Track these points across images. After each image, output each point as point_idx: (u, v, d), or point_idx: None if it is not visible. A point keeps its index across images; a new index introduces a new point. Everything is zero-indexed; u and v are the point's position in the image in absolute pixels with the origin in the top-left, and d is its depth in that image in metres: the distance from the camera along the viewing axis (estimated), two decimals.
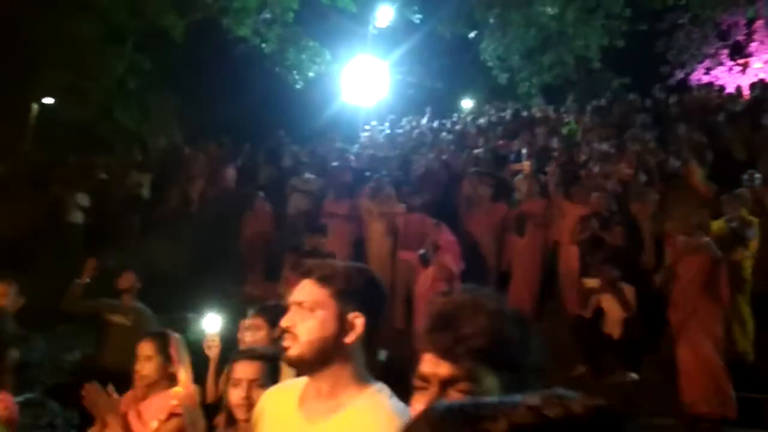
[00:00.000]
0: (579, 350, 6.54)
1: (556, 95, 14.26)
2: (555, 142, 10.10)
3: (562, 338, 6.80)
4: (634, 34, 13.85)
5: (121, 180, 10.43)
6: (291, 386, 1.71)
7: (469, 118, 13.64)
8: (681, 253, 5.79)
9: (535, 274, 7.69)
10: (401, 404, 1.53)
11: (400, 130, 13.44)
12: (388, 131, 13.34)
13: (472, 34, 14.17)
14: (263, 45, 12.41)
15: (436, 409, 0.62)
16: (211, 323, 4.06)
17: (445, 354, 1.08)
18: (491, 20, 13.35)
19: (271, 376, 2.16)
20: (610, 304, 6.27)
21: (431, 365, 1.09)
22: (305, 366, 1.59)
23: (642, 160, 8.30)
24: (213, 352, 3.97)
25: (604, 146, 9.04)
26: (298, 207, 9.33)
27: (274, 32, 12.15)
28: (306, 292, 1.60)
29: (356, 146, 12.04)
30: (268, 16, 11.94)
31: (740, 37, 16.03)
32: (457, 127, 13.02)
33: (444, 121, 13.89)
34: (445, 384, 1.08)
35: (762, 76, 13.90)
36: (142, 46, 12.55)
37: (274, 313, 3.09)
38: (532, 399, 0.60)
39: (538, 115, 12.66)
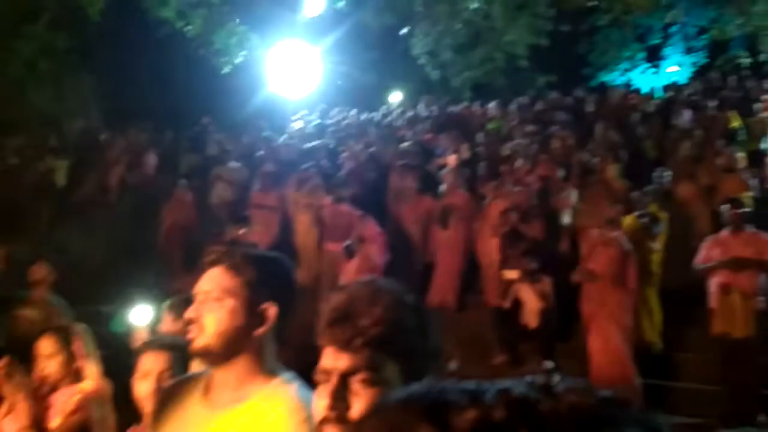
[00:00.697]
0: (498, 340, 6.75)
1: (485, 91, 14.54)
2: (480, 138, 10.32)
3: (482, 328, 7.00)
4: (559, 34, 14.28)
5: (33, 165, 9.90)
6: (196, 377, 1.68)
7: (397, 112, 13.72)
8: (594, 246, 6.06)
9: (458, 265, 7.85)
10: (310, 394, 1.53)
11: (329, 121, 13.36)
12: (317, 121, 13.24)
13: (403, 30, 14.22)
14: (188, 27, 12.00)
15: (391, 399, 0.55)
16: (140, 316, 3.92)
17: (344, 346, 1.09)
18: (417, 9, 13.42)
19: (181, 367, 2.11)
20: (528, 296, 6.49)
21: (331, 358, 1.10)
22: (212, 357, 1.56)
23: (561, 157, 8.61)
24: (140, 345, 3.84)
25: (527, 142, 9.31)
26: (222, 197, 9.15)
27: (200, 14, 11.75)
28: (214, 280, 1.56)
29: (284, 136, 11.89)
30: None
31: (656, 41, 16.85)
32: (386, 120, 13.07)
33: (373, 113, 13.91)
34: (346, 376, 1.09)
35: (674, 78, 14.68)
36: (58, 24, 11.91)
37: (186, 306, 3.02)
38: (512, 386, 0.51)
39: (465, 110, 12.88)
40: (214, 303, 1.55)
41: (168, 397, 1.69)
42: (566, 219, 7.38)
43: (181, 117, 12.39)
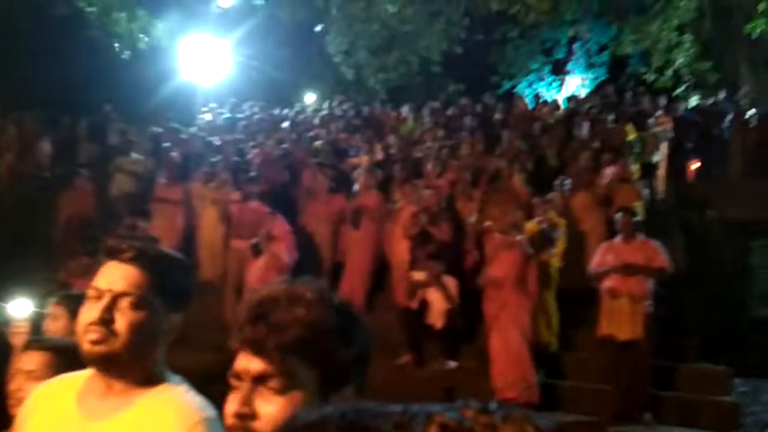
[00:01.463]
0: (405, 340, 6.82)
1: (399, 94, 14.70)
2: (393, 140, 10.41)
3: (390, 329, 7.05)
4: (471, 43, 14.67)
5: None
6: (68, 381, 1.55)
7: (311, 109, 13.62)
8: (497, 250, 6.25)
9: (367, 266, 7.88)
10: (200, 399, 1.46)
11: (240, 115, 13.07)
12: (227, 115, 12.91)
13: (318, 28, 14.12)
14: (88, 9, 11.32)
15: (302, 421, 0.49)
16: (18, 308, 3.65)
17: (257, 349, 1.03)
18: (333, 11, 13.38)
19: (63, 370, 1.95)
20: (434, 296, 6.61)
21: (244, 361, 1.04)
22: (114, 364, 1.44)
23: (469, 162, 8.83)
24: (18, 339, 3.57)
25: (437, 146, 9.48)
26: (123, 188, 8.73)
27: None
28: (128, 281, 1.44)
29: (193, 128, 11.50)
30: None
31: (561, 56, 17.67)
32: (300, 117, 12.94)
33: (286, 110, 13.73)
34: (257, 380, 1.02)
35: (576, 92, 15.44)
36: None
37: (76, 302, 2.83)
38: (443, 412, 0.46)
39: (379, 112, 12.98)
40: (128, 307, 1.43)
41: (40, 400, 1.55)
42: (472, 222, 7.57)
43: (81, 104, 11.69)
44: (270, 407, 1.02)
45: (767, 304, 8.14)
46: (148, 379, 1.47)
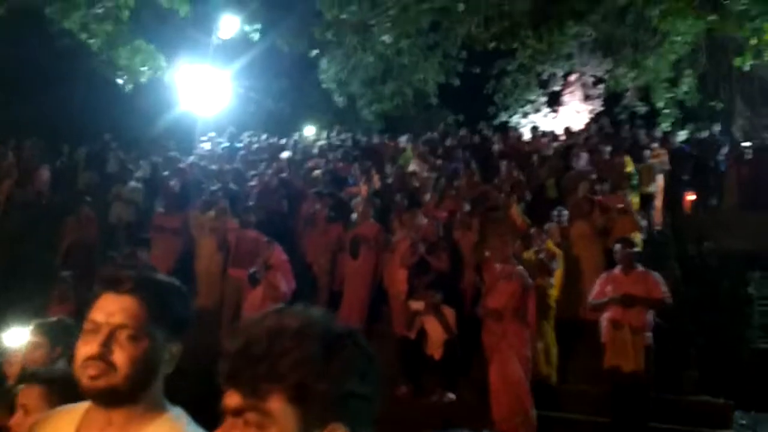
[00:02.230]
0: (402, 370, 6.76)
1: (395, 125, 14.83)
2: (391, 170, 10.47)
3: (387, 359, 6.98)
4: (469, 76, 14.86)
5: None
6: (66, 414, 1.52)
7: (310, 139, 13.73)
8: (496, 280, 6.24)
9: (365, 295, 7.85)
10: (200, 431, 1.44)
11: (239, 144, 13.15)
12: (226, 144, 12.99)
13: (313, 53, 14.27)
14: (90, 41, 11.46)
15: None
16: (13, 338, 3.62)
17: (233, 382, 0.99)
18: (329, 39, 13.56)
19: (56, 403, 1.92)
20: (432, 326, 6.56)
21: (226, 395, 1.01)
22: (114, 398, 1.41)
23: (467, 192, 8.87)
24: (12, 369, 3.54)
25: (435, 176, 9.53)
26: (121, 216, 8.73)
27: (104, 29, 11.26)
28: (127, 313, 1.41)
29: (191, 157, 11.56)
30: (99, 11, 11.04)
31: (557, 88, 17.87)
32: (299, 147, 13.03)
33: (284, 140, 13.83)
34: (235, 414, 0.99)
35: (573, 124, 15.58)
36: None
37: (56, 330, 2.80)
38: None
39: (378, 142, 13.07)
40: (126, 340, 1.41)
41: None
42: (470, 252, 7.56)
43: (80, 132, 11.77)
44: None
45: (766, 335, 8.10)
46: (149, 410, 1.45)
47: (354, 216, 8.40)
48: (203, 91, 13.77)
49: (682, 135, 13.24)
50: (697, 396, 6.47)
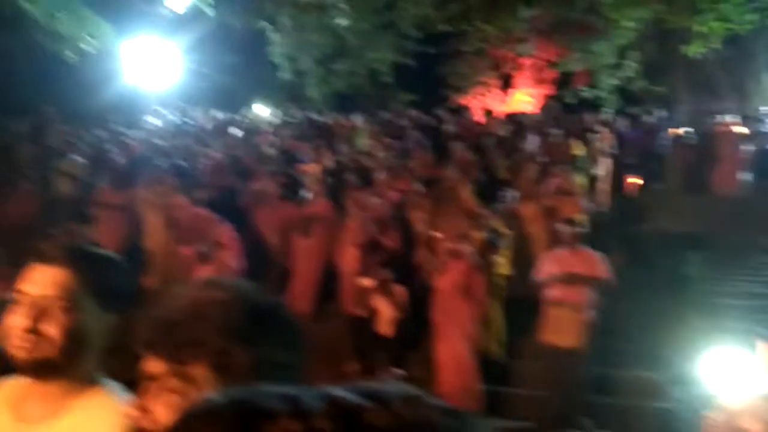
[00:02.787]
0: (353, 348, 6.82)
1: (348, 104, 14.75)
2: (344, 149, 10.43)
3: (338, 337, 7.03)
4: (423, 56, 14.86)
5: None
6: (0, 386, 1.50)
7: (262, 116, 13.53)
8: (445, 259, 6.34)
9: (316, 274, 7.85)
10: None
11: (190, 121, 12.87)
12: (175, 120, 12.69)
13: (261, 26, 13.96)
14: (32, 10, 10.94)
15: (196, 408, 0.48)
16: None
17: (152, 349, 0.99)
18: (284, 21, 13.34)
19: None
20: (383, 305, 6.63)
21: (147, 362, 1.01)
22: (48, 370, 1.38)
23: (420, 172, 8.93)
24: None
25: (387, 156, 9.55)
26: (63, 192, 8.45)
27: None
28: (58, 284, 1.38)
29: (139, 132, 11.26)
30: None
31: (509, 71, 18.06)
32: (250, 124, 12.84)
33: (236, 116, 13.60)
34: (155, 381, 0.99)
35: (523, 107, 15.82)
36: None
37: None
38: (339, 393, 0.45)
39: (330, 121, 12.99)
40: (58, 311, 1.38)
41: None
42: (421, 231, 7.64)
43: (21, 106, 11.29)
44: (166, 409, 0.98)
45: (702, 314, 8.47)
46: (84, 382, 1.43)
47: (306, 194, 8.36)
48: (152, 64, 13.38)
49: (627, 119, 13.62)
50: (635, 371, 6.74)
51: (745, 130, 10.65)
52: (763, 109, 11.00)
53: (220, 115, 13.54)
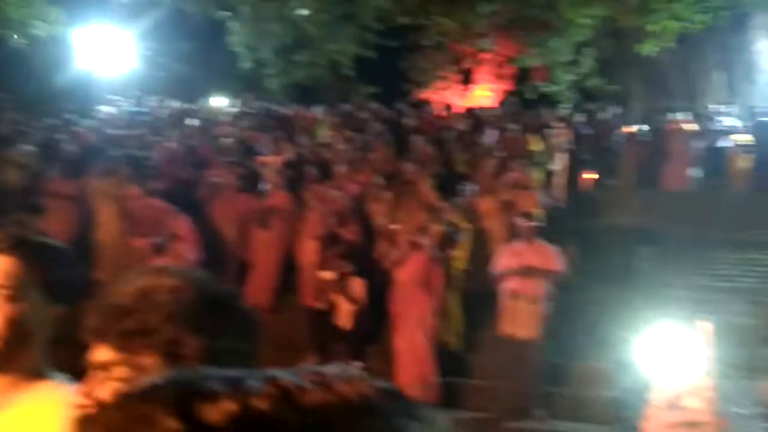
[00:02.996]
0: (311, 341, 6.80)
1: (308, 96, 14.63)
2: (304, 141, 10.36)
3: (296, 329, 7.00)
4: (385, 49, 14.84)
5: None
6: None
7: (220, 106, 13.33)
8: (404, 252, 6.37)
9: (275, 266, 7.80)
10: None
11: (145, 109, 12.58)
12: (130, 108, 12.39)
13: (221, 15, 13.72)
14: None
15: (135, 388, 0.47)
16: None
17: (100, 336, 0.97)
18: (244, 9, 13.12)
19: None
20: (342, 298, 6.63)
21: (95, 351, 0.99)
22: None
23: (380, 165, 8.94)
24: None
25: (348, 148, 9.53)
26: (11, 181, 8.18)
27: None
28: (2, 273, 1.34)
29: (91, 121, 10.95)
30: None
31: (469, 66, 18.20)
32: (208, 113, 12.63)
33: (193, 106, 13.35)
34: (102, 369, 0.97)
35: (483, 102, 15.97)
36: None
37: None
38: (280, 374, 0.45)
39: (291, 112, 12.87)
40: (2, 300, 1.34)
41: None
42: (380, 224, 7.66)
43: None
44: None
45: (652, 306, 8.73)
46: (29, 374, 1.39)
47: (265, 186, 8.28)
48: (106, 52, 13.02)
49: (583, 116, 13.89)
50: (587, 362, 6.90)
51: (695, 128, 10.99)
52: (714, 107, 11.37)
53: (176, 104, 13.28)
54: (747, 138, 10.67)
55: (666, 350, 0.85)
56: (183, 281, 1.01)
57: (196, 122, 11.51)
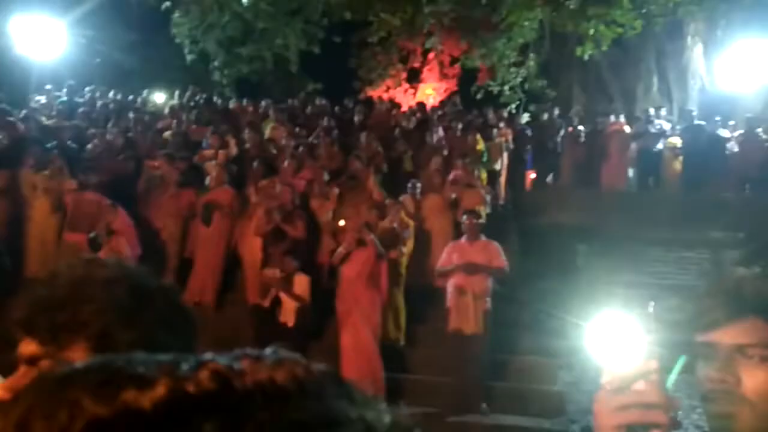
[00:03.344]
0: (255, 338, 6.69)
1: (255, 90, 14.40)
2: (249, 136, 10.17)
3: (239, 327, 6.89)
4: (332, 45, 14.75)
5: None
6: None
7: (161, 99, 12.96)
8: (349, 248, 6.35)
9: (218, 262, 7.66)
10: None
11: (80, 100, 12.11)
12: (65, 99, 11.91)
13: (164, 5, 13.33)
14: None
15: (57, 372, 0.43)
16: None
17: (28, 329, 0.94)
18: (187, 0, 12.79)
19: None
20: (287, 294, 6.56)
21: (23, 345, 0.94)
22: None
23: (326, 161, 8.88)
24: None
25: (294, 144, 9.44)
26: None
27: None
28: None
29: (25, 111, 10.47)
30: None
31: (416, 64, 18.32)
32: (148, 105, 12.27)
33: (132, 97, 12.93)
34: (30, 363, 0.94)
35: (430, 101, 16.10)
36: None
37: None
38: (216, 358, 0.42)
39: (235, 106, 12.64)
40: None
41: None
42: (326, 220, 7.62)
43: None
44: None
45: (590, 302, 9.00)
46: None
47: (207, 181, 8.10)
48: (42, 41, 12.47)
49: (525, 117, 14.19)
50: (529, 356, 7.06)
51: (632, 130, 11.38)
52: (651, 110, 11.78)
53: (116, 95, 12.83)
54: (678, 141, 11.14)
55: (612, 336, 0.86)
56: (116, 274, 0.97)
57: (137, 114, 11.16)
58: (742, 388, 1.00)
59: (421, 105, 13.27)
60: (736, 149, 11.07)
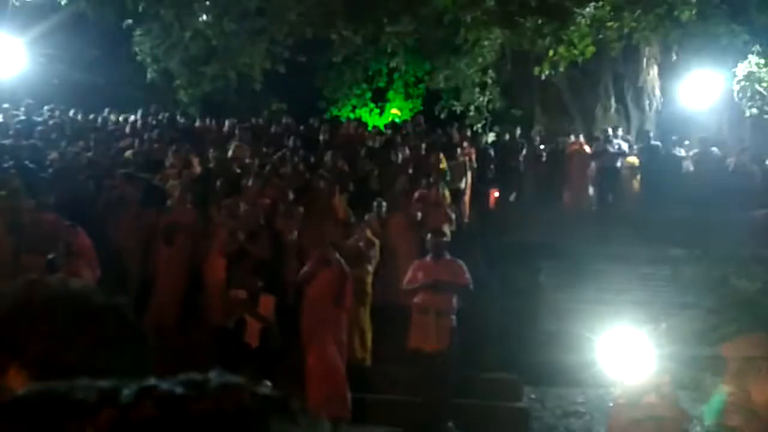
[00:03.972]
0: (218, 360, 6.58)
1: (219, 109, 14.30)
2: (213, 155, 10.09)
3: (201, 348, 6.77)
4: (296, 64, 14.77)
5: None
6: None
7: (121, 117, 12.75)
8: (315, 267, 6.32)
9: (180, 284, 7.52)
10: None
11: (38, 119, 11.85)
12: (23, 118, 11.64)
13: (127, 22, 13.17)
14: None
15: (2, 402, 0.42)
16: None
17: None
18: (143, 10, 12.63)
19: None
20: (251, 315, 6.48)
21: None
22: None
23: (292, 180, 8.85)
24: None
25: (259, 163, 9.39)
26: None
27: None
28: None
29: None
30: None
31: (382, 84, 18.49)
32: (109, 125, 12.07)
33: (93, 116, 12.70)
34: None
35: (395, 120, 16.23)
36: None
37: None
38: (158, 384, 0.43)
39: (199, 125, 12.53)
40: None
41: None
42: (292, 240, 7.57)
43: None
44: None
45: (554, 318, 9.11)
46: None
47: (169, 201, 7.99)
48: None
49: (489, 136, 14.41)
50: (493, 373, 7.09)
51: (590, 150, 11.65)
52: (609, 130, 12.07)
53: (75, 114, 12.59)
54: (635, 160, 11.44)
55: (624, 352, 0.89)
56: (58, 295, 0.94)
57: (97, 133, 10.97)
58: (752, 400, 1.02)
59: (386, 124, 13.37)
60: (691, 168, 11.42)
